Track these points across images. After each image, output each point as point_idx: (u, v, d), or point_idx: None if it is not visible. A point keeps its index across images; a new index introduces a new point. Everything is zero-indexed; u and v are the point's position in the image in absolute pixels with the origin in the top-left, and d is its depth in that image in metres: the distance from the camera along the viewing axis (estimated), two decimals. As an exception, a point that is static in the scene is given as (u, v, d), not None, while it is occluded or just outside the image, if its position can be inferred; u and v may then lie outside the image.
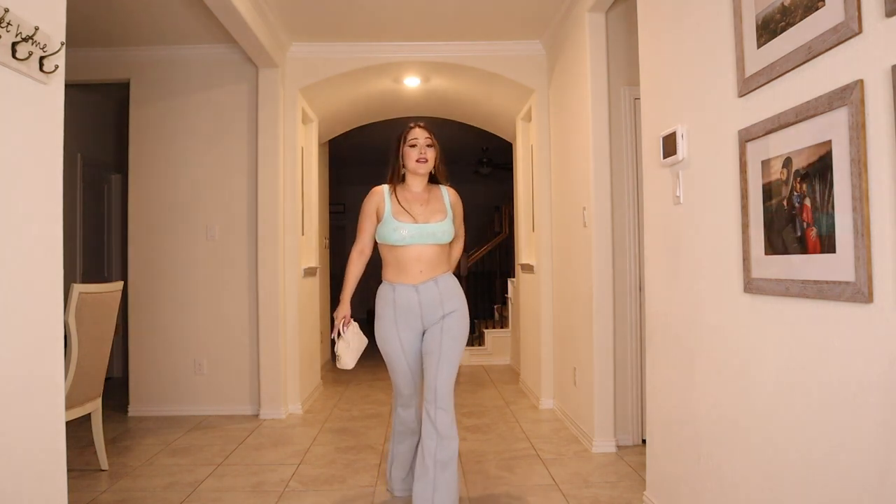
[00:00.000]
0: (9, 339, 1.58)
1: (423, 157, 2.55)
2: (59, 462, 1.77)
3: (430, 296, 2.52)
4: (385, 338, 2.56)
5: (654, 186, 2.56)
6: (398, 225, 2.49)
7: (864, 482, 1.37)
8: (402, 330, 2.53)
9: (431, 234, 2.50)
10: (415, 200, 2.57)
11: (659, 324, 2.52)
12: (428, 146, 2.56)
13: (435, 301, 2.52)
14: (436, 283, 2.53)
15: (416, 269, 2.50)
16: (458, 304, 2.56)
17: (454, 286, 2.59)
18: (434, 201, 2.60)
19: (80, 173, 5.43)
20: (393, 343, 2.55)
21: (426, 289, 2.52)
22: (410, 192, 2.60)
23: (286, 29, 4.33)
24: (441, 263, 2.56)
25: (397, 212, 2.52)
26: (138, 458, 3.49)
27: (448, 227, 2.54)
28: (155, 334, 4.54)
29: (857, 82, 1.36)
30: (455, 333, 2.51)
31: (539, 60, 4.63)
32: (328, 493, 2.95)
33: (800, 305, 1.60)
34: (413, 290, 2.51)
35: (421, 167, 2.56)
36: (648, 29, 2.60)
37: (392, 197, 2.56)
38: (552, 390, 4.55)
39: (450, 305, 2.54)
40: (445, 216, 2.56)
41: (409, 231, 2.48)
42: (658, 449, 2.54)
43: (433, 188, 2.65)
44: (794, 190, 1.59)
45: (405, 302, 2.52)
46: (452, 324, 2.52)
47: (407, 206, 2.55)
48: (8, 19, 1.51)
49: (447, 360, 2.47)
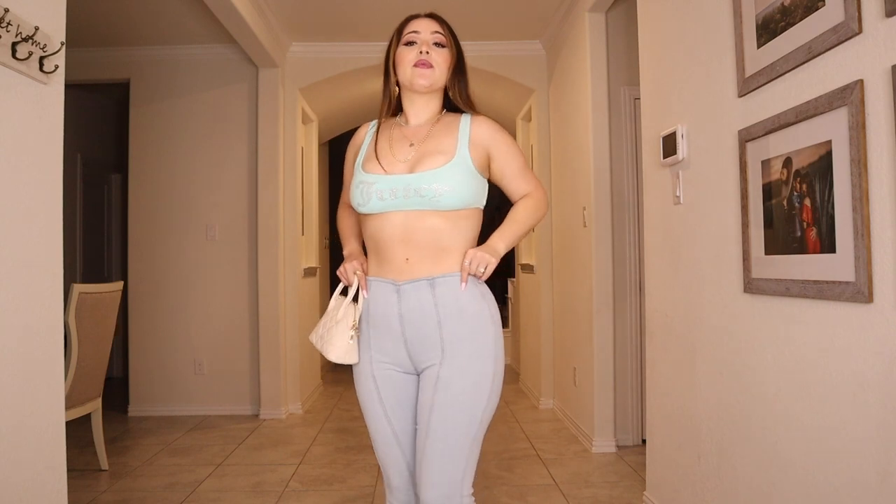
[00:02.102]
0: (9, 339, 1.58)
1: (425, 61, 1.51)
2: (59, 462, 1.77)
3: (418, 306, 1.45)
4: (357, 374, 1.56)
5: (654, 186, 2.56)
6: (363, 178, 1.50)
7: (864, 482, 1.37)
8: (378, 362, 1.51)
9: (416, 191, 1.43)
10: (405, 138, 1.55)
11: (659, 324, 2.52)
12: (436, 45, 1.54)
13: (426, 318, 1.45)
14: (431, 284, 1.45)
15: (401, 256, 1.47)
16: (470, 333, 1.43)
17: (470, 298, 1.46)
18: (439, 136, 1.52)
19: (80, 173, 5.42)
20: (365, 384, 1.53)
21: (411, 292, 1.46)
22: (406, 126, 1.59)
23: (286, 29, 4.32)
24: (448, 248, 1.47)
25: (369, 157, 1.55)
26: (138, 458, 3.49)
27: (452, 176, 1.44)
28: (155, 334, 4.54)
29: (857, 82, 1.36)
30: (456, 393, 1.40)
31: (539, 60, 4.63)
32: (328, 493, 2.95)
33: (800, 305, 1.60)
34: (393, 291, 1.48)
35: (421, 77, 1.51)
36: (648, 29, 2.60)
37: (374, 135, 1.60)
38: (552, 390, 4.55)
39: (454, 333, 1.44)
40: (450, 158, 1.47)
41: (379, 187, 1.46)
42: (658, 449, 2.54)
43: (448, 118, 1.57)
44: (794, 190, 1.59)
45: (380, 311, 1.49)
46: (454, 375, 1.41)
47: (388, 147, 1.54)
48: (8, 19, 1.51)
49: (439, 445, 1.39)
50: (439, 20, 1.59)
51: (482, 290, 1.50)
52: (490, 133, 1.53)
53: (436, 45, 1.54)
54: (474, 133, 1.51)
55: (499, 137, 1.54)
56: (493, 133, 1.53)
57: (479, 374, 1.43)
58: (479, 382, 1.42)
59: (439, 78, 1.54)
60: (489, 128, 1.53)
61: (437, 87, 1.55)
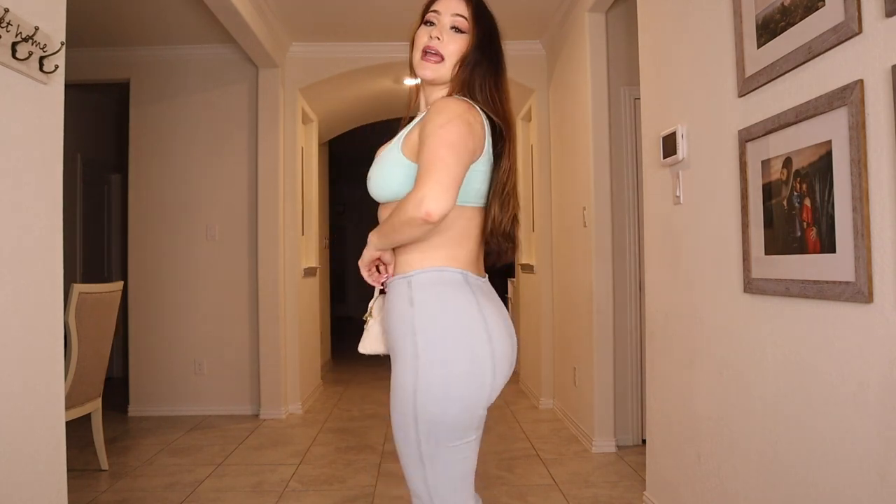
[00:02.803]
0: (9, 339, 1.58)
1: (433, 49, 1.36)
2: (59, 462, 1.77)
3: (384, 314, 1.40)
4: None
5: (654, 186, 2.56)
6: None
7: (865, 482, 1.37)
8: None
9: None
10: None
11: (659, 324, 2.52)
12: (454, 29, 1.36)
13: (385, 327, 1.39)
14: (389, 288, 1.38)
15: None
16: (394, 343, 1.32)
17: (392, 305, 1.33)
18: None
19: (80, 173, 5.42)
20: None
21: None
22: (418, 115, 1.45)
23: (286, 29, 4.32)
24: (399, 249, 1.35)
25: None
26: (138, 458, 3.49)
27: (380, 162, 1.34)
28: (155, 334, 4.54)
29: (857, 82, 1.36)
30: (391, 409, 1.31)
31: (539, 60, 4.63)
32: (328, 493, 2.95)
33: (800, 305, 1.60)
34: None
35: (425, 69, 1.37)
36: (648, 29, 2.60)
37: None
38: (552, 390, 4.54)
39: (389, 342, 1.37)
40: (389, 149, 1.35)
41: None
42: (658, 449, 2.54)
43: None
44: (794, 190, 1.59)
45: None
46: (391, 389, 1.32)
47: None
48: (8, 19, 1.51)
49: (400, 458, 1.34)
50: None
51: (413, 294, 1.29)
52: (428, 114, 1.27)
53: (453, 30, 1.35)
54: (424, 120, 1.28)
55: (427, 118, 1.26)
56: (428, 114, 1.27)
57: (402, 390, 1.27)
58: (402, 399, 1.27)
59: (448, 70, 1.36)
60: (432, 108, 1.28)
61: (446, 80, 1.37)
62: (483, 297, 1.33)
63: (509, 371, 1.35)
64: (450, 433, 1.27)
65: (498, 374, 1.31)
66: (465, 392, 1.26)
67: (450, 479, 1.30)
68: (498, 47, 1.40)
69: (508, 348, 1.33)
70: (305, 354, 4.89)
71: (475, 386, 1.27)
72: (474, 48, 1.36)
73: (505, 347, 1.32)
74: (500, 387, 1.34)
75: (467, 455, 1.32)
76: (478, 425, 1.32)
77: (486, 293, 1.36)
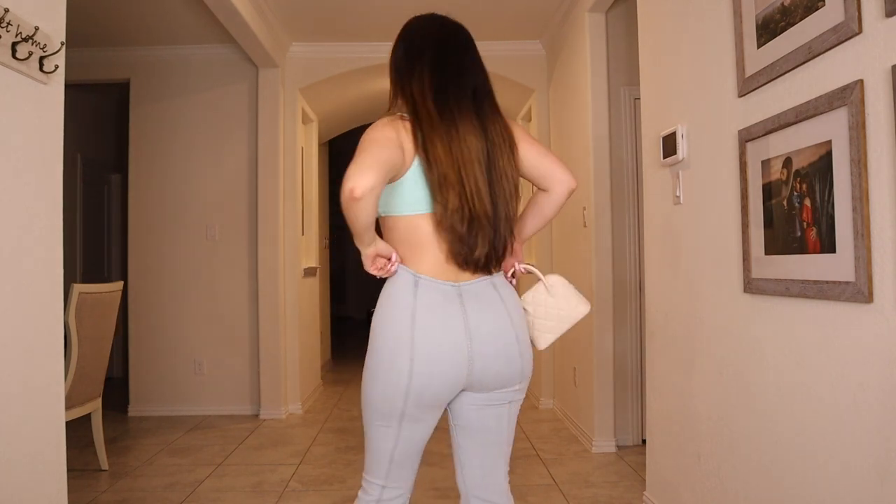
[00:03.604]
0: (9, 339, 1.58)
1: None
2: (59, 462, 1.77)
3: None
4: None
5: (654, 186, 2.56)
6: None
7: (865, 482, 1.37)
8: None
9: None
10: None
11: (659, 324, 2.52)
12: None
13: None
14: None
15: None
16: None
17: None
18: None
19: (80, 173, 5.42)
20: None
21: None
22: None
23: (286, 29, 4.32)
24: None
25: None
26: (138, 458, 3.49)
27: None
28: (155, 334, 4.54)
29: (857, 82, 1.36)
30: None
31: (539, 60, 4.63)
32: (328, 493, 2.95)
33: (800, 305, 1.60)
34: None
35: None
36: (648, 29, 2.60)
37: None
38: (552, 390, 4.55)
39: None
40: None
41: None
42: (658, 449, 2.54)
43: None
44: (794, 190, 1.59)
45: None
46: None
47: None
48: (8, 19, 1.51)
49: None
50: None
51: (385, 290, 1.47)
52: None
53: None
54: None
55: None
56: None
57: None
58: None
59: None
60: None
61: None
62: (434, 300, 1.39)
63: (443, 376, 1.38)
64: (372, 414, 1.46)
65: (417, 374, 1.36)
66: (381, 384, 1.40)
67: (374, 454, 1.50)
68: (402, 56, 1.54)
69: (437, 351, 1.37)
70: (305, 354, 4.89)
71: (392, 381, 1.38)
72: (391, 72, 1.55)
73: (432, 349, 1.37)
74: (427, 388, 1.38)
75: (390, 439, 1.45)
76: (402, 416, 1.41)
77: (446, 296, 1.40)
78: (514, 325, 1.47)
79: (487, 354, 1.41)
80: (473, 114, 1.47)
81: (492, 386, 1.46)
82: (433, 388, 1.39)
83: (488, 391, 1.47)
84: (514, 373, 1.48)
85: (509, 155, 1.47)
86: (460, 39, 1.60)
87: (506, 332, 1.45)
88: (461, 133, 1.42)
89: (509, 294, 1.49)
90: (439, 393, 1.40)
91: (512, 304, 1.48)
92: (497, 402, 1.49)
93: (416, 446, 1.48)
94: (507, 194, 1.45)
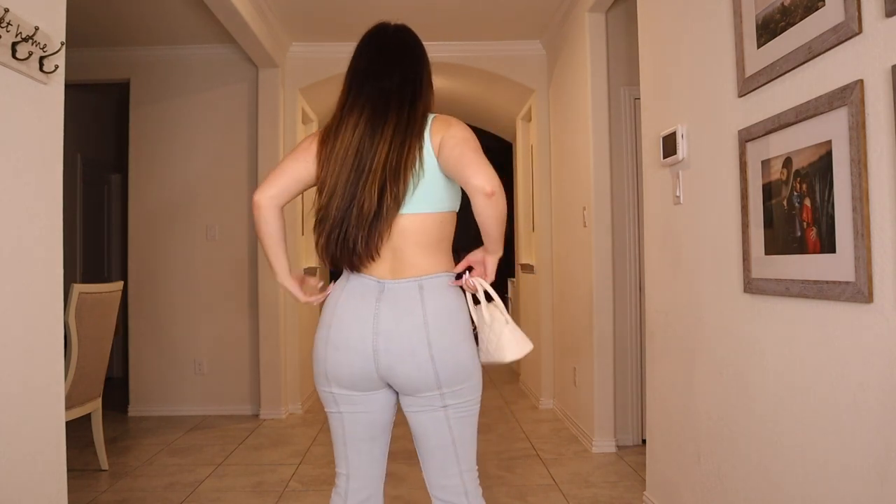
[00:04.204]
0: (9, 339, 1.58)
1: None
2: (59, 462, 1.77)
3: None
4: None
5: (654, 186, 2.56)
6: None
7: (864, 482, 1.37)
8: None
9: None
10: None
11: (659, 324, 2.52)
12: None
13: None
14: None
15: None
16: None
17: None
18: None
19: (80, 173, 5.42)
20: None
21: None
22: None
23: (286, 29, 4.32)
24: None
25: None
26: (138, 458, 3.49)
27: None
28: (155, 334, 4.54)
29: (857, 82, 1.36)
30: None
31: (539, 60, 4.63)
32: (328, 493, 2.94)
33: (800, 305, 1.60)
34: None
35: None
36: (648, 29, 2.60)
37: None
38: (552, 390, 4.55)
39: None
40: None
41: None
42: (658, 449, 2.54)
43: None
44: (794, 190, 1.59)
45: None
46: None
47: None
48: (8, 19, 1.51)
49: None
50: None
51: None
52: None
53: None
54: None
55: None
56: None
57: None
58: None
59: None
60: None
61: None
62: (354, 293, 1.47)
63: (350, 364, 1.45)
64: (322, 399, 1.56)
65: (330, 360, 1.47)
66: (315, 367, 1.52)
67: (333, 440, 1.58)
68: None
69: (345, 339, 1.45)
70: (305, 354, 4.88)
71: (317, 365, 1.51)
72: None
73: (341, 337, 1.45)
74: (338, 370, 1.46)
75: (337, 423, 1.53)
76: (333, 397, 1.51)
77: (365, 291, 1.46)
78: (427, 328, 1.41)
79: (391, 352, 1.42)
80: (370, 110, 1.47)
81: (407, 388, 1.46)
82: (342, 371, 1.46)
83: (409, 394, 1.47)
84: (427, 377, 1.42)
85: (399, 150, 1.42)
86: (392, 41, 1.70)
87: (415, 334, 1.41)
88: (340, 130, 1.47)
89: (436, 297, 1.44)
90: (352, 375, 1.46)
91: (434, 308, 1.43)
92: (427, 407, 1.46)
93: (364, 430, 1.53)
94: (376, 188, 1.40)
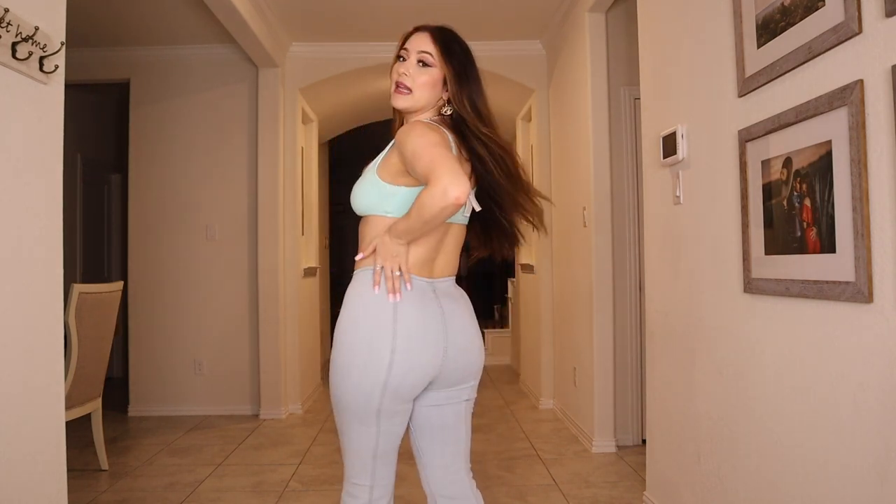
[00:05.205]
0: (9, 339, 1.58)
1: (402, 84, 1.49)
2: (59, 462, 1.77)
3: None
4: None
5: (654, 186, 2.56)
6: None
7: (864, 482, 1.37)
8: None
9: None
10: None
11: (659, 324, 2.52)
12: (420, 63, 1.50)
13: None
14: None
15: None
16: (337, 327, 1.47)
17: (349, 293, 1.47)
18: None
19: (80, 173, 5.42)
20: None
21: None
22: None
23: (286, 29, 4.32)
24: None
25: None
26: (138, 458, 3.49)
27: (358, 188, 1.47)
28: (155, 334, 4.54)
29: (857, 82, 1.36)
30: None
31: (539, 60, 4.63)
32: (328, 493, 2.95)
33: (800, 305, 1.60)
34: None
35: (396, 100, 1.51)
36: (648, 29, 2.60)
37: None
38: (552, 390, 4.54)
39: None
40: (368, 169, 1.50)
41: None
42: (658, 449, 2.54)
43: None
44: (794, 190, 1.59)
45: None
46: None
47: None
48: (8, 19, 1.51)
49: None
50: (433, 35, 1.52)
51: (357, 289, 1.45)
52: (398, 137, 1.41)
53: (420, 65, 1.49)
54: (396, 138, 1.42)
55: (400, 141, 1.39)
56: (399, 137, 1.40)
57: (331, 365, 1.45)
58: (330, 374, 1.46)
59: (419, 100, 1.49)
60: (400, 132, 1.41)
61: (418, 108, 1.51)
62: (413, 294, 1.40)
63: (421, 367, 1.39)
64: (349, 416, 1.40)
65: (401, 369, 1.36)
66: (359, 379, 1.36)
67: (357, 455, 1.43)
68: (475, 70, 1.55)
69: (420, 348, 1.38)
70: (305, 354, 4.89)
71: (374, 376, 1.36)
72: (453, 80, 1.50)
73: (412, 345, 1.37)
74: (401, 385, 1.37)
75: (371, 438, 1.41)
76: (378, 412, 1.38)
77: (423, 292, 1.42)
78: (473, 318, 1.53)
79: (458, 344, 1.44)
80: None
81: (454, 380, 1.48)
82: (417, 378, 1.40)
83: (448, 387, 1.49)
84: (477, 366, 1.52)
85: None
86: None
87: (473, 325, 1.51)
88: None
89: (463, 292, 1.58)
90: (424, 381, 1.42)
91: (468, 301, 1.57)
92: (455, 399, 1.51)
93: (397, 442, 1.47)
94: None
